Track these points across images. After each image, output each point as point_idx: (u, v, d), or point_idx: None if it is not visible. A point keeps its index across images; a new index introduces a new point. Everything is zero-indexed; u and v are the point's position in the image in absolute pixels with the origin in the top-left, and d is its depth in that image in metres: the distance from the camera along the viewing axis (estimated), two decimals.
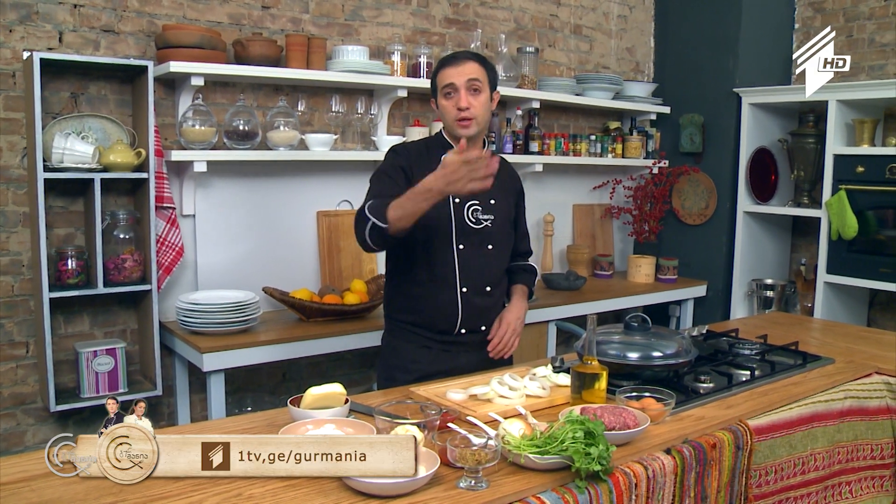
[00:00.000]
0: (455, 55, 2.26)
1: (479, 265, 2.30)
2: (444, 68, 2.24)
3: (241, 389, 3.43)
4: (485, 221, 2.30)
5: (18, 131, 2.86)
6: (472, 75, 2.21)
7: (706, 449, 1.78)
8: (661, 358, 2.10)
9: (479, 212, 2.29)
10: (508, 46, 4.01)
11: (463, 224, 2.27)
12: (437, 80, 2.26)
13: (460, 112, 2.21)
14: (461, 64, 2.22)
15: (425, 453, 1.52)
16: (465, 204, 2.28)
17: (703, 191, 4.48)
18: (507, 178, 2.41)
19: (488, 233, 2.30)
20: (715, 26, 4.37)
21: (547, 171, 4.23)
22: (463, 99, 2.20)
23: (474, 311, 2.29)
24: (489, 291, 2.32)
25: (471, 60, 2.23)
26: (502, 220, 2.35)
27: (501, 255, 2.38)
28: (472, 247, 2.28)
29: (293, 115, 3.27)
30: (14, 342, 2.93)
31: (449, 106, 2.23)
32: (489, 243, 2.31)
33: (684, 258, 4.54)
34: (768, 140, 4.37)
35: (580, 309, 3.86)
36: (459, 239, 2.27)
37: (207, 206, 3.24)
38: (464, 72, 2.20)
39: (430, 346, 2.31)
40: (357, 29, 3.61)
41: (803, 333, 2.91)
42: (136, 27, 3.04)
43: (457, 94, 2.21)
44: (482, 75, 2.23)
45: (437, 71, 2.27)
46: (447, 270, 2.26)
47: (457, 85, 2.20)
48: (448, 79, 2.21)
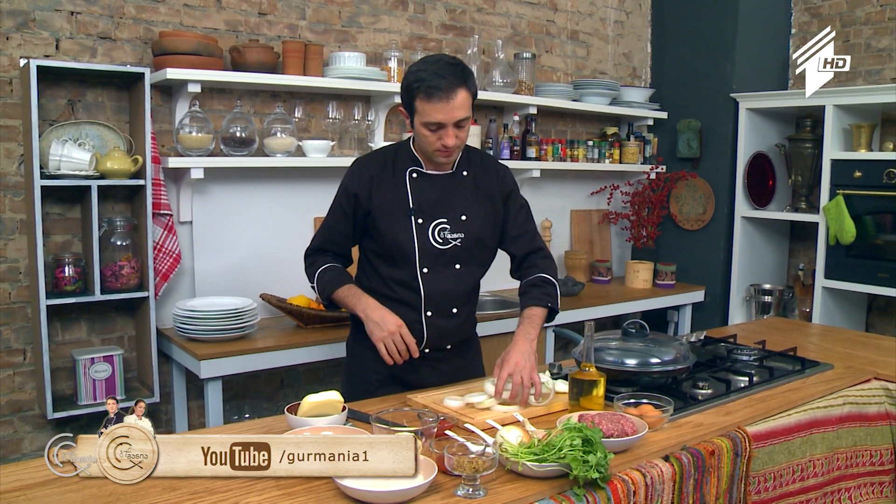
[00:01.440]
0: (440, 82, 1.97)
1: (445, 288, 2.17)
2: (432, 101, 1.98)
3: (238, 396, 3.42)
4: (453, 241, 2.16)
5: (15, 138, 2.86)
6: (461, 114, 2.00)
7: (704, 456, 1.77)
8: (659, 364, 2.09)
9: (446, 231, 2.15)
10: (505, 52, 4.02)
11: (427, 246, 2.14)
12: (419, 109, 2.01)
13: (445, 148, 2.06)
14: (451, 98, 1.97)
15: (423, 461, 1.51)
16: (429, 224, 2.14)
17: (701, 196, 4.49)
18: (486, 183, 2.23)
19: (455, 252, 2.17)
20: (712, 31, 4.38)
21: (544, 176, 4.23)
22: (450, 138, 2.03)
23: (439, 333, 2.20)
24: (455, 313, 2.21)
25: (459, 87, 1.98)
26: (476, 235, 2.19)
27: (471, 272, 2.23)
28: (437, 268, 2.16)
29: (290, 121, 3.27)
30: (11, 349, 2.92)
31: (431, 138, 2.05)
32: (456, 263, 2.18)
33: (682, 264, 4.54)
34: (766, 145, 4.38)
35: (578, 315, 3.85)
36: (423, 261, 2.14)
37: (205, 212, 3.24)
38: (454, 108, 1.99)
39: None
40: (354, 35, 3.61)
41: (802, 339, 2.91)
42: (133, 34, 3.04)
43: (443, 130, 2.02)
44: (469, 104, 2.03)
45: (420, 97, 2.00)
46: (410, 294, 2.16)
47: (444, 124, 2.01)
48: (434, 115, 1.99)
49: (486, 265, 2.31)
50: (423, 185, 2.17)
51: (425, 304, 2.18)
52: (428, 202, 2.16)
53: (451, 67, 2.01)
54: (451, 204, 2.17)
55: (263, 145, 3.21)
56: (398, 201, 2.15)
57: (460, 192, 2.19)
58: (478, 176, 2.25)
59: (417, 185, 2.17)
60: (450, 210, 2.17)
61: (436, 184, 2.18)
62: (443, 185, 2.18)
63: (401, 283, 2.18)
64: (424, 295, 2.17)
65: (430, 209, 2.16)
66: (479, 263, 2.27)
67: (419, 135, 2.08)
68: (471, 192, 2.21)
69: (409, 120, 2.09)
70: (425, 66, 2.02)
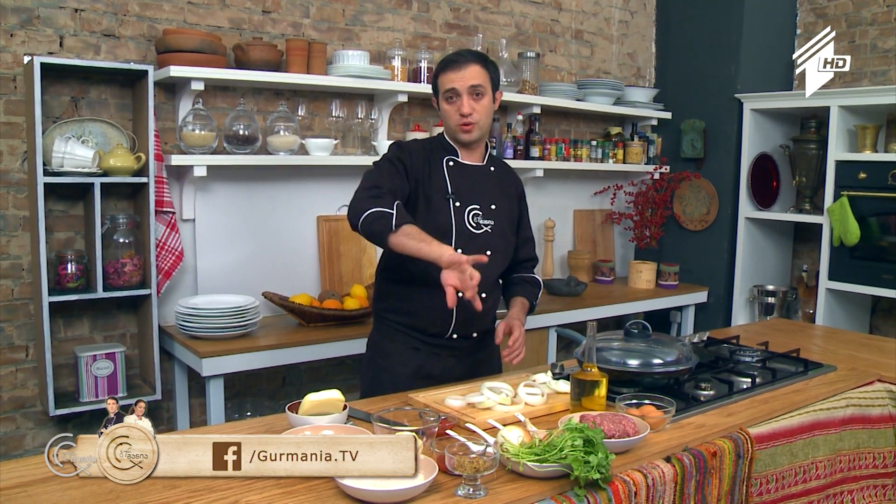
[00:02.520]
0: (457, 57, 2.20)
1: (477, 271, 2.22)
2: (446, 71, 2.19)
3: (240, 394, 3.42)
4: (485, 227, 2.26)
5: (19, 135, 2.86)
6: (474, 80, 2.16)
7: (706, 457, 1.77)
8: (662, 365, 2.09)
9: (479, 216, 2.26)
10: (509, 51, 4.01)
11: (463, 228, 2.23)
12: (439, 83, 2.22)
13: (462, 118, 2.18)
14: (463, 68, 2.17)
15: (424, 461, 1.51)
16: (465, 208, 2.25)
17: (705, 197, 4.47)
18: (508, 182, 2.39)
19: (487, 238, 2.26)
20: (716, 32, 4.37)
21: (548, 176, 4.23)
22: (465, 105, 2.16)
23: (468, 317, 2.24)
24: (484, 298, 2.26)
25: (473, 63, 2.18)
26: (502, 225, 2.31)
27: (499, 261, 2.32)
28: (470, 251, 2.19)
29: (293, 119, 3.27)
30: (14, 346, 2.92)
31: (451, 110, 2.20)
32: (487, 248, 2.25)
33: (685, 264, 4.53)
34: (770, 146, 4.37)
35: (581, 315, 3.85)
36: (459, 243, 2.21)
37: (207, 210, 3.24)
38: (466, 76, 2.16)
39: (420, 347, 2.27)
40: (358, 34, 3.61)
41: (805, 340, 2.90)
42: (137, 31, 3.04)
43: (459, 99, 2.17)
44: (485, 79, 2.19)
45: (439, 72, 2.22)
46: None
47: (459, 90, 2.16)
48: (450, 83, 2.17)
49: (509, 258, 2.40)
50: (459, 172, 2.28)
51: None
52: (464, 188, 2.26)
53: (469, 50, 2.29)
54: (483, 192, 2.28)
55: (266, 143, 3.21)
56: (437, 185, 2.24)
57: (490, 183, 2.32)
58: (501, 174, 2.39)
59: (454, 172, 2.27)
60: (482, 198, 2.27)
61: (470, 173, 2.29)
62: (476, 175, 2.30)
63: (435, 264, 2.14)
64: None
65: (466, 194, 2.26)
66: (504, 255, 2.35)
67: (443, 114, 2.24)
68: (497, 187, 2.34)
69: (437, 106, 2.27)
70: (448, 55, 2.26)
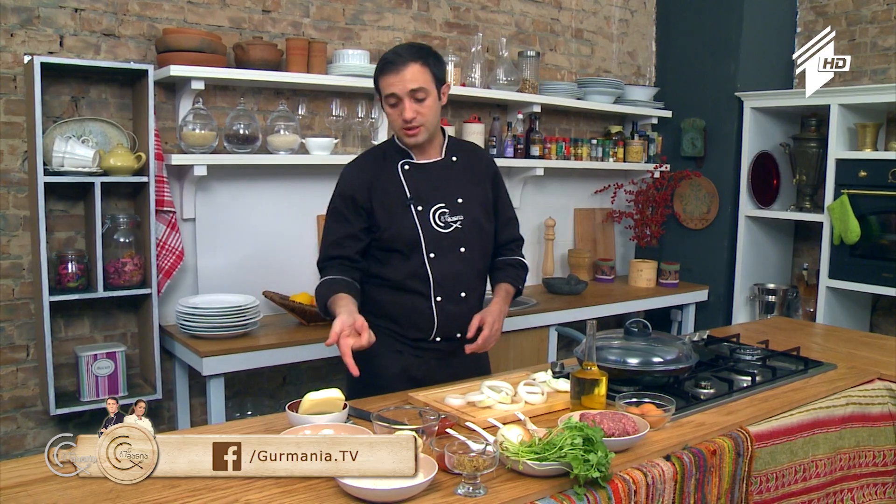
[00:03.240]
0: (394, 57, 2.07)
1: (453, 272, 2.20)
2: (385, 74, 2.08)
3: (241, 393, 3.42)
4: (454, 224, 2.20)
5: (19, 135, 2.86)
6: (414, 83, 2.06)
7: (706, 455, 1.77)
8: (662, 364, 2.09)
9: (446, 215, 2.19)
10: (509, 50, 4.01)
11: (431, 231, 2.17)
12: (380, 86, 2.11)
13: (406, 123, 2.10)
14: (401, 70, 2.05)
15: (423, 459, 1.51)
16: (429, 210, 2.19)
17: (705, 195, 4.48)
18: (475, 167, 2.31)
19: (458, 235, 2.20)
20: (716, 30, 4.37)
21: (548, 175, 4.23)
22: (408, 110, 2.07)
23: (449, 319, 2.20)
24: (464, 297, 2.24)
25: (411, 62, 2.06)
26: (474, 217, 2.23)
27: (475, 256, 2.26)
28: (443, 253, 2.19)
29: (294, 119, 3.27)
30: (14, 345, 2.93)
31: (394, 114, 2.11)
32: (461, 246, 2.21)
33: (686, 263, 4.53)
34: (770, 144, 4.37)
35: (581, 314, 3.85)
36: (430, 247, 2.17)
37: (208, 209, 3.24)
38: (405, 80, 2.05)
39: (403, 350, 2.24)
40: (358, 33, 3.61)
41: (805, 339, 2.90)
42: (137, 31, 3.04)
43: (401, 103, 2.08)
44: (426, 79, 2.08)
45: (378, 75, 2.11)
46: (420, 281, 2.18)
47: (399, 95, 2.07)
48: (389, 87, 2.07)
49: (489, 251, 2.35)
50: (417, 174, 2.22)
51: (434, 290, 2.20)
52: (424, 189, 2.21)
53: (407, 46, 2.14)
54: (446, 188, 2.22)
55: (267, 143, 3.21)
56: (396, 195, 2.19)
57: (453, 176, 2.25)
58: (467, 161, 2.31)
59: (411, 175, 2.21)
60: (446, 194, 2.21)
61: (429, 171, 2.23)
62: (436, 172, 2.24)
63: (410, 273, 2.19)
64: (433, 280, 2.19)
65: (427, 196, 2.20)
66: (482, 248, 2.29)
67: (387, 117, 2.16)
68: (463, 177, 2.27)
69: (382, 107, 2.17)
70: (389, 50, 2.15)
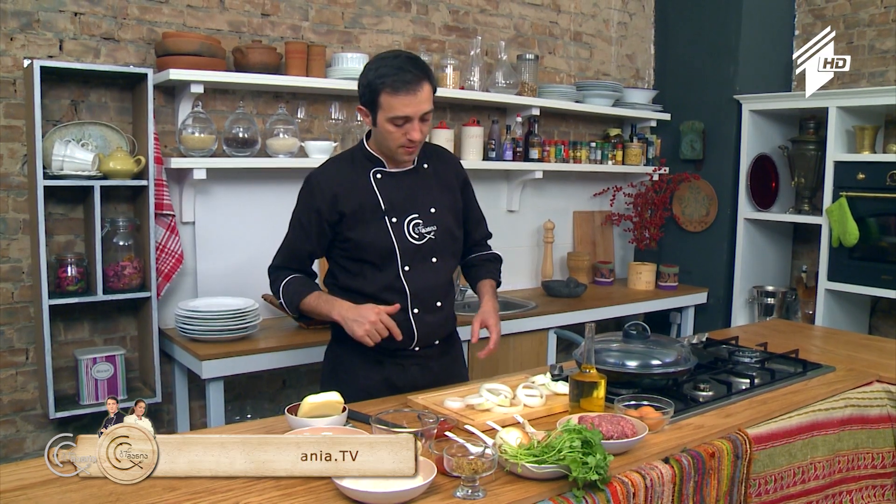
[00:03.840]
0: (409, 77, 1.98)
1: (427, 283, 2.19)
2: (398, 94, 1.98)
3: (241, 397, 3.42)
4: (427, 234, 2.18)
5: (19, 139, 2.87)
6: (426, 107, 2.03)
7: (705, 458, 1.77)
8: (660, 366, 2.09)
9: (420, 226, 2.17)
10: (508, 54, 4.02)
11: (406, 243, 2.15)
12: (384, 103, 2.00)
13: (411, 143, 2.07)
14: (417, 91, 1.99)
15: (422, 462, 1.51)
16: (403, 221, 2.16)
17: (704, 198, 4.48)
18: (446, 174, 2.27)
19: (431, 246, 2.18)
20: (715, 33, 4.37)
21: (547, 178, 4.23)
22: (417, 132, 2.04)
23: (428, 329, 2.19)
24: (440, 307, 2.23)
25: (425, 82, 2.02)
26: (446, 227, 2.22)
27: (447, 264, 2.25)
28: (416, 264, 2.17)
29: (293, 122, 3.28)
30: (14, 349, 2.93)
31: (396, 133, 2.04)
32: (433, 256, 2.19)
33: (685, 265, 4.54)
34: (769, 147, 4.37)
35: (580, 316, 3.85)
36: (404, 259, 2.15)
37: (207, 213, 3.24)
38: (420, 101, 2.01)
39: (383, 360, 2.20)
40: (357, 36, 3.61)
41: (804, 341, 2.91)
42: (137, 35, 3.04)
43: (409, 124, 2.03)
44: (432, 98, 2.05)
45: (386, 91, 1.99)
46: (395, 294, 2.15)
47: (412, 118, 2.02)
48: (403, 109, 1.99)
49: (458, 256, 2.36)
50: (390, 183, 2.18)
51: (411, 302, 2.18)
52: (398, 200, 2.17)
53: (412, 61, 2.03)
54: (419, 198, 2.19)
55: (266, 146, 3.22)
56: (368, 205, 2.15)
57: (425, 185, 2.22)
58: (437, 168, 2.29)
59: (384, 184, 2.17)
60: (419, 205, 2.19)
61: (402, 181, 2.19)
62: (409, 181, 2.20)
63: (384, 286, 2.16)
64: (410, 293, 2.17)
65: (401, 206, 2.17)
66: (452, 254, 2.29)
67: (383, 131, 2.06)
68: (434, 185, 2.25)
69: (371, 118, 2.08)
70: (387, 61, 2.03)
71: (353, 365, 2.24)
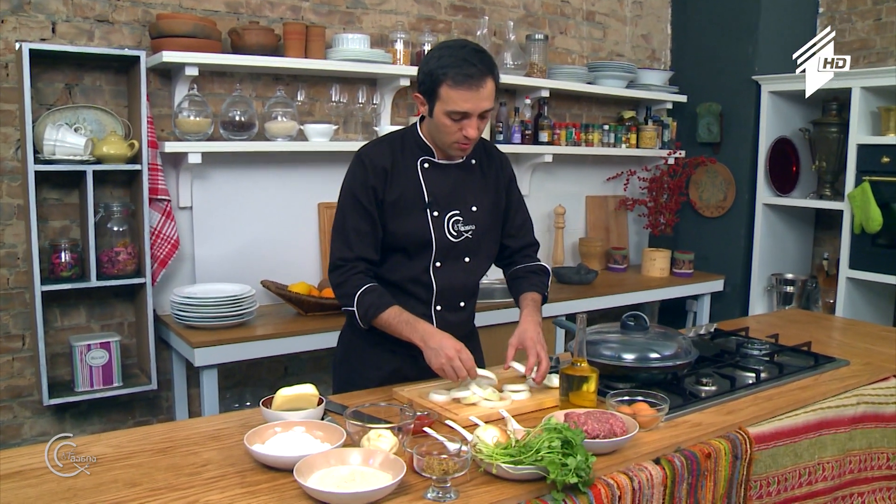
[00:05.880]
0: (471, 71, 1.86)
1: (455, 281, 2.10)
2: (459, 89, 1.87)
3: (241, 384, 3.38)
4: (465, 233, 2.08)
5: (12, 123, 2.82)
6: (487, 105, 1.91)
7: (700, 458, 1.67)
8: (659, 360, 1.99)
9: (459, 223, 2.08)
10: (517, 34, 3.90)
11: (443, 240, 2.05)
12: (444, 95, 1.90)
13: (467, 140, 1.96)
14: (480, 88, 1.88)
15: (392, 460, 1.44)
16: (445, 216, 2.06)
17: (721, 182, 4.34)
18: (492, 171, 2.18)
19: (467, 245, 2.10)
20: (734, 11, 4.21)
21: (558, 161, 4.12)
22: (474, 129, 1.93)
23: (447, 327, 2.03)
24: (463, 307, 2.15)
25: (488, 78, 1.90)
26: (485, 227, 2.13)
27: (479, 265, 2.16)
28: (449, 262, 2.08)
29: (292, 105, 3.20)
30: (10, 335, 2.90)
31: (452, 128, 1.94)
32: (466, 256, 2.11)
33: (701, 252, 4.41)
34: (789, 129, 4.21)
35: (590, 304, 3.75)
36: (438, 256, 2.06)
37: (205, 197, 3.18)
38: (482, 97, 1.89)
39: (396, 350, 2.09)
40: (359, 17, 3.52)
41: (820, 333, 2.77)
42: (132, 17, 2.98)
43: (467, 120, 1.92)
44: (494, 95, 1.94)
45: (447, 83, 1.88)
46: (421, 287, 2.08)
47: (471, 114, 1.91)
48: (463, 104, 1.88)
49: (492, 258, 2.25)
50: (436, 175, 2.07)
51: (436, 299, 2.10)
52: (442, 193, 2.07)
53: (478, 55, 1.90)
54: (462, 195, 2.09)
55: (264, 129, 3.15)
56: (412, 194, 2.05)
57: (470, 182, 2.12)
58: (484, 165, 2.18)
59: (430, 175, 2.07)
60: (462, 201, 2.09)
61: (448, 174, 2.08)
62: (455, 176, 2.09)
63: (410, 278, 2.08)
64: (436, 289, 2.09)
65: (444, 201, 2.07)
66: (487, 256, 2.20)
67: (439, 124, 1.96)
68: (479, 183, 2.15)
69: (428, 107, 1.96)
70: (451, 51, 1.90)
71: (364, 353, 2.17)
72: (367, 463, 1.46)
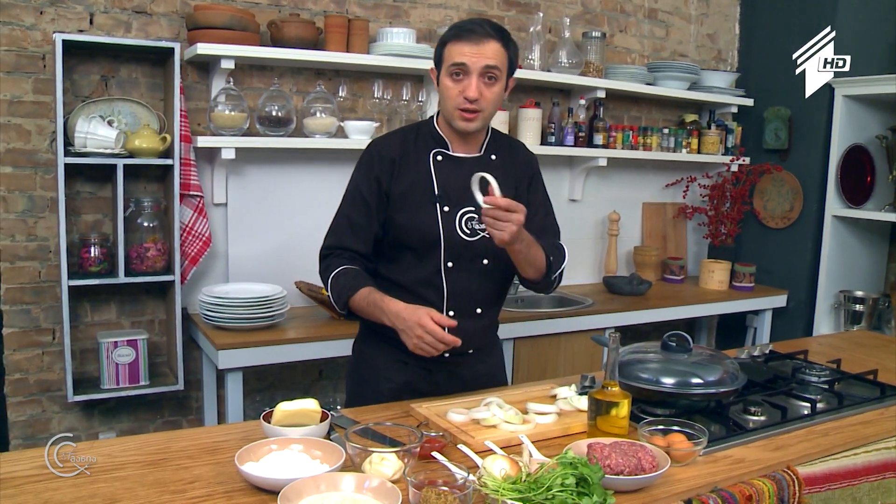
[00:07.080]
0: (473, 27, 1.83)
1: (470, 286, 1.96)
2: (458, 42, 1.83)
3: (273, 386, 3.30)
4: (481, 232, 1.93)
5: (48, 115, 2.80)
6: (490, 61, 1.82)
7: (739, 500, 1.48)
8: (701, 385, 1.80)
9: (473, 220, 1.93)
10: (573, 31, 3.72)
11: (453, 237, 1.92)
12: (446, 53, 1.86)
13: (466, 102, 1.84)
14: (481, 43, 1.81)
15: (389, 489, 1.30)
16: (456, 212, 1.92)
17: (788, 191, 4.07)
18: (514, 168, 2.03)
19: (484, 246, 1.94)
20: (807, 10, 3.93)
21: (613, 166, 3.93)
22: (473, 87, 1.83)
23: (461, 336, 1.80)
24: (479, 314, 1.99)
25: (493, 39, 1.83)
26: None
27: (500, 270, 1.99)
28: (462, 264, 1.94)
29: (332, 100, 3.10)
30: (41, 328, 2.88)
31: (454, 89, 1.85)
32: (484, 258, 1.95)
33: (764, 265, 4.14)
34: (864, 136, 3.91)
35: (641, 316, 3.56)
36: (448, 255, 1.92)
37: (240, 194, 3.11)
38: (482, 54, 1.82)
39: (408, 361, 1.97)
40: (407, 11, 3.40)
41: (889, 359, 2.52)
42: (170, 8, 2.93)
43: (467, 78, 1.83)
44: (503, 60, 1.85)
45: (448, 41, 1.86)
46: (432, 290, 1.94)
47: (469, 67, 1.82)
48: (460, 56, 1.82)
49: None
50: (449, 168, 1.95)
51: (447, 303, 1.95)
52: (454, 188, 1.92)
53: (489, 23, 1.88)
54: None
55: (302, 125, 3.06)
56: (421, 187, 1.93)
57: None
58: (506, 161, 2.02)
59: (442, 168, 1.95)
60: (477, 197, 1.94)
61: (463, 167, 1.94)
62: (470, 169, 1.91)
63: (420, 280, 1.94)
64: (447, 292, 1.94)
65: (456, 196, 1.92)
66: (507, 260, 1.96)
67: (443, 90, 1.90)
68: (499, 178, 1.94)
69: (436, 77, 1.93)
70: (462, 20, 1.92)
71: (376, 364, 2.04)
72: (361, 489, 1.33)
